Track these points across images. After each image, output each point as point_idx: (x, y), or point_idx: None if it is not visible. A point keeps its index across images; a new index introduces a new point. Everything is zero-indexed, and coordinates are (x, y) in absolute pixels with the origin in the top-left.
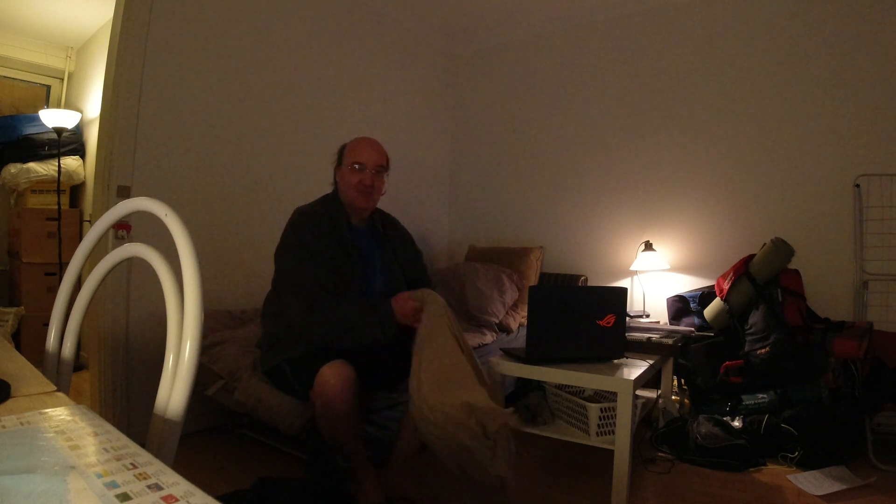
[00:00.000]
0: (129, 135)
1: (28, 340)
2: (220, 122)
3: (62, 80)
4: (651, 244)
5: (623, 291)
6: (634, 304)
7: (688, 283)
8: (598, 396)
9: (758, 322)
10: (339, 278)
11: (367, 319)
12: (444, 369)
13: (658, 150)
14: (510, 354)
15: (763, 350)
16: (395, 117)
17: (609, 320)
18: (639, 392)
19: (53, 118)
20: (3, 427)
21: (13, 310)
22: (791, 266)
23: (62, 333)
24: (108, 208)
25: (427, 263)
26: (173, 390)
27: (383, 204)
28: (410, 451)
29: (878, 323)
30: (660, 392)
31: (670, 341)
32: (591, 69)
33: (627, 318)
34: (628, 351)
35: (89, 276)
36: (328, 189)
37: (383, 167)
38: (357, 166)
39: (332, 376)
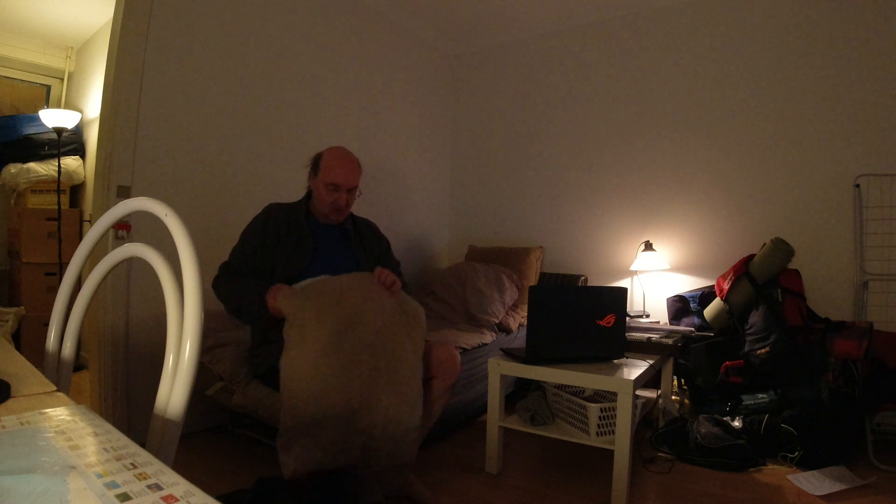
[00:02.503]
0: (129, 135)
1: (28, 340)
2: (220, 122)
3: (62, 80)
4: (651, 244)
5: (623, 291)
6: (634, 304)
7: (688, 283)
8: (598, 396)
9: (758, 322)
10: (285, 263)
11: (244, 300)
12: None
13: (658, 149)
14: (510, 354)
15: (763, 350)
16: (396, 117)
17: (609, 320)
18: (639, 392)
19: (53, 118)
20: (3, 427)
21: (13, 310)
22: (791, 266)
23: (62, 333)
24: (108, 208)
25: (427, 263)
26: (173, 390)
27: (382, 203)
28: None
29: (878, 323)
30: (660, 392)
31: (670, 341)
32: (591, 69)
33: (627, 318)
34: (628, 351)
35: (89, 276)
36: None
37: (356, 186)
38: (332, 187)
39: None
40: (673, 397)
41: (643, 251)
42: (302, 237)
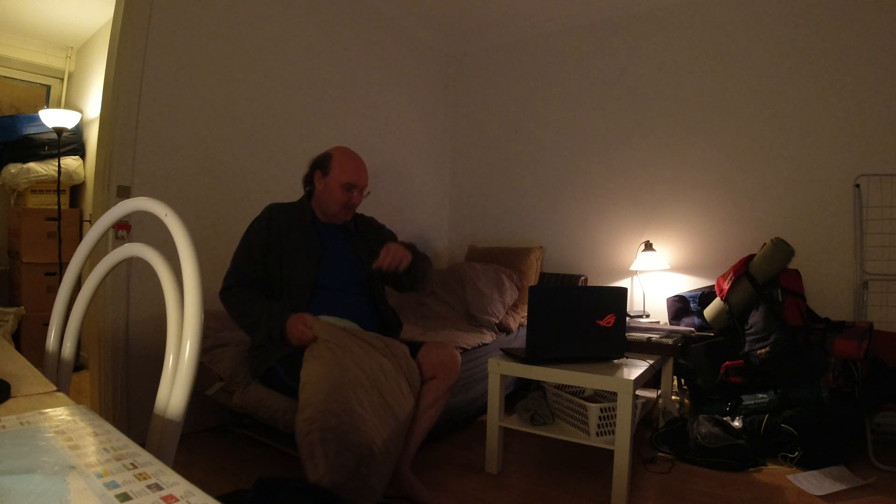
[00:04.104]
0: (129, 135)
1: (28, 340)
2: (220, 122)
3: (62, 80)
4: (651, 244)
5: (623, 291)
6: (634, 304)
7: (688, 283)
8: (598, 396)
9: (758, 322)
10: (292, 265)
11: (261, 323)
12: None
13: (658, 149)
14: (510, 354)
15: (763, 350)
16: (396, 117)
17: (609, 320)
18: (639, 392)
19: (53, 118)
20: (3, 427)
21: (13, 310)
22: (791, 266)
23: (62, 333)
24: (108, 208)
25: None
26: (173, 390)
27: (382, 203)
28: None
29: (878, 323)
30: (660, 392)
31: (670, 341)
32: (592, 69)
33: (627, 318)
34: (628, 351)
35: (89, 276)
36: None
37: (367, 185)
38: (348, 187)
39: None
40: (673, 397)
41: (643, 251)
42: (307, 238)
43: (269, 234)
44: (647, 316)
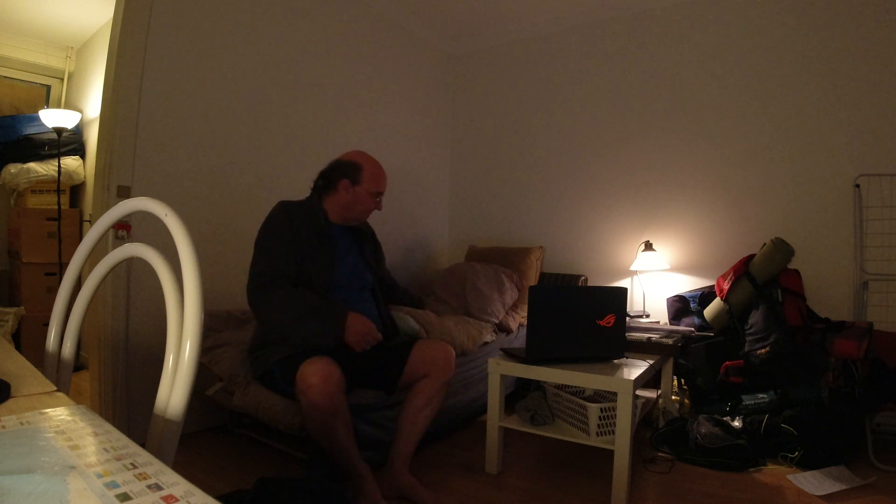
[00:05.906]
0: (129, 135)
1: (28, 340)
2: (220, 122)
3: (62, 80)
4: (651, 244)
5: (623, 291)
6: (634, 304)
7: (688, 283)
8: (598, 396)
9: (758, 322)
10: (310, 263)
11: (312, 317)
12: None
13: (658, 150)
14: (510, 354)
15: (763, 350)
16: (395, 118)
17: (609, 320)
18: (639, 392)
19: (53, 118)
20: (3, 427)
21: (13, 310)
22: (791, 266)
23: (62, 333)
24: (108, 208)
25: (427, 263)
26: (173, 390)
27: (383, 203)
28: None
29: (878, 323)
30: (660, 392)
31: (670, 341)
32: (592, 69)
33: (627, 318)
34: (628, 351)
35: (89, 276)
36: None
37: None
38: (378, 195)
39: (313, 374)
40: (673, 397)
41: (643, 251)
42: (322, 239)
43: (291, 230)
44: (647, 316)
